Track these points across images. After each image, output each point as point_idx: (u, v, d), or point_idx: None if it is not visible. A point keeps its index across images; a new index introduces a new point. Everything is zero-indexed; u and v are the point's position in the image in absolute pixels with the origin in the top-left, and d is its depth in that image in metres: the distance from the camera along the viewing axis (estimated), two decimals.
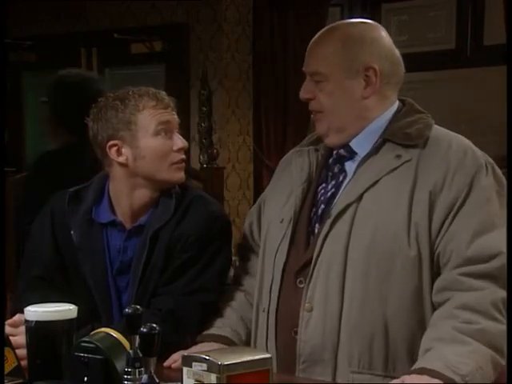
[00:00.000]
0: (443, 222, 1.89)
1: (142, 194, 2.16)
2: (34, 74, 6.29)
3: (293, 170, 2.13)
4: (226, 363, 1.51)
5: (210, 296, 2.13)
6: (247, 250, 2.26)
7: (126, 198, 2.17)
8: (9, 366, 1.77)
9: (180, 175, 2.17)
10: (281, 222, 2.06)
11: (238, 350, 1.90)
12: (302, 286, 1.97)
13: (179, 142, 2.16)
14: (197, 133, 5.28)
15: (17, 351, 1.80)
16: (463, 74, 5.28)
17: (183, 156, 2.18)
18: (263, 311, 2.06)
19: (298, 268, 1.99)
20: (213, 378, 1.51)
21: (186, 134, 5.66)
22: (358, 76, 2.01)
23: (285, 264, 2.02)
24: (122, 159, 2.14)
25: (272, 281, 2.04)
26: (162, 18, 5.56)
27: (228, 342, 2.07)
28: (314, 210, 2.04)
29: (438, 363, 1.74)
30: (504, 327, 1.82)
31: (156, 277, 2.12)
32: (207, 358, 1.53)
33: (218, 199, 4.32)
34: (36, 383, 1.72)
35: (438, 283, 1.90)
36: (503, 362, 1.82)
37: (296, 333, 1.96)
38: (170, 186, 2.16)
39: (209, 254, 2.13)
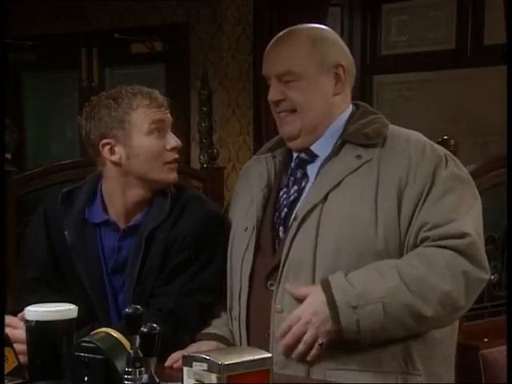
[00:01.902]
0: (412, 215, 1.94)
1: (135, 194, 2.16)
2: (34, 74, 6.30)
3: (251, 178, 2.16)
4: (226, 363, 1.51)
5: (208, 296, 2.12)
6: None
7: (119, 197, 2.16)
8: (9, 366, 1.77)
9: (173, 176, 2.17)
10: (245, 231, 2.08)
11: (238, 349, 1.90)
12: (272, 288, 1.99)
13: (172, 140, 2.16)
14: (197, 133, 5.28)
15: (16, 346, 1.80)
16: (463, 74, 5.28)
17: (176, 156, 2.17)
18: (235, 319, 2.07)
19: (268, 272, 2.01)
20: (213, 377, 1.51)
21: (186, 134, 5.70)
22: (329, 73, 2.05)
23: (252, 271, 2.04)
24: (115, 158, 2.13)
25: (240, 289, 2.06)
26: (162, 18, 5.56)
27: (225, 342, 2.07)
28: (276, 214, 2.06)
29: (340, 279, 1.86)
30: (448, 289, 1.86)
31: (153, 277, 2.11)
32: (207, 357, 1.53)
33: (219, 199, 4.31)
34: (36, 383, 1.72)
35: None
36: (428, 313, 1.85)
37: (269, 335, 1.98)
38: (163, 186, 2.15)
39: (206, 254, 2.13)
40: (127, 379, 1.55)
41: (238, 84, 5.44)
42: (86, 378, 1.65)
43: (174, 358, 1.94)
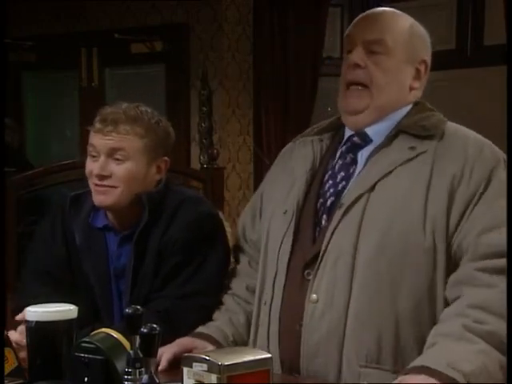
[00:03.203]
0: (462, 216, 1.86)
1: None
2: (35, 74, 6.29)
3: (295, 160, 2.09)
4: (226, 363, 1.51)
5: (203, 299, 2.11)
6: (237, 251, 2.23)
7: None
8: (9, 367, 1.77)
9: (97, 198, 2.13)
10: (284, 214, 2.01)
11: (238, 350, 1.89)
12: (309, 278, 1.92)
13: (96, 167, 2.11)
14: (197, 133, 5.28)
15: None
16: (463, 74, 5.28)
17: (98, 182, 2.12)
18: (264, 304, 2.01)
19: (307, 261, 1.94)
20: (213, 378, 1.51)
21: (186, 134, 5.69)
22: (412, 65, 2.01)
23: (290, 257, 1.97)
24: None
25: (276, 274, 1.99)
26: (162, 18, 5.56)
27: (212, 341, 2.02)
28: (320, 201, 1.99)
29: (440, 361, 1.70)
30: None
31: (148, 283, 2.12)
32: (207, 358, 1.53)
33: (219, 199, 4.32)
34: (36, 383, 1.73)
35: (452, 277, 1.85)
36: None
37: (301, 326, 1.91)
38: (97, 205, 2.15)
39: (200, 257, 2.12)
40: (127, 380, 1.55)
41: (238, 84, 5.43)
42: (86, 379, 1.65)
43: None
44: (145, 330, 1.52)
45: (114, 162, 2.10)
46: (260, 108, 5.45)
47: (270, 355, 1.60)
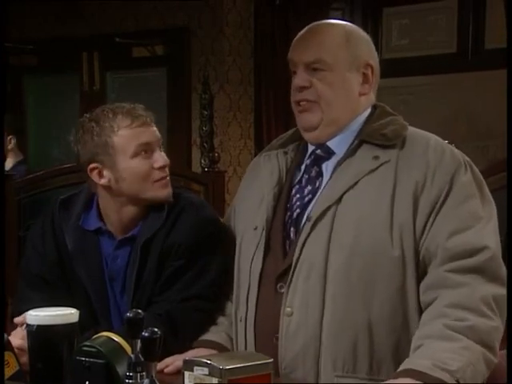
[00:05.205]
0: (426, 221, 1.89)
1: (131, 211, 2.14)
2: (36, 78, 6.30)
3: (262, 175, 2.10)
4: (227, 367, 1.51)
5: (204, 303, 2.10)
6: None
7: (114, 214, 2.16)
8: (10, 370, 1.77)
9: (165, 192, 2.13)
10: (254, 229, 2.04)
11: (239, 354, 1.89)
12: (282, 290, 1.95)
13: (160, 159, 2.11)
14: (198, 136, 5.28)
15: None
16: (464, 78, 5.29)
17: (165, 173, 2.12)
18: (240, 320, 2.03)
19: (279, 274, 1.96)
20: (214, 382, 1.51)
21: (187, 138, 5.68)
22: (357, 71, 2.02)
23: (261, 271, 1.99)
24: (103, 181, 2.12)
25: (249, 289, 2.01)
26: (163, 22, 5.57)
27: (221, 348, 2.03)
28: (288, 214, 2.01)
29: (425, 362, 1.73)
30: (494, 323, 1.81)
31: (150, 287, 2.11)
32: (209, 362, 1.53)
33: (220, 203, 4.31)
34: None
35: (424, 282, 1.89)
36: (495, 359, 1.82)
37: (277, 339, 1.93)
38: (157, 202, 2.12)
39: (202, 261, 2.11)
40: None
41: (239, 88, 5.44)
42: (87, 383, 1.65)
43: (166, 363, 1.93)
44: (146, 334, 1.51)
45: None
46: (261, 112, 5.46)
47: (271, 359, 1.60)
